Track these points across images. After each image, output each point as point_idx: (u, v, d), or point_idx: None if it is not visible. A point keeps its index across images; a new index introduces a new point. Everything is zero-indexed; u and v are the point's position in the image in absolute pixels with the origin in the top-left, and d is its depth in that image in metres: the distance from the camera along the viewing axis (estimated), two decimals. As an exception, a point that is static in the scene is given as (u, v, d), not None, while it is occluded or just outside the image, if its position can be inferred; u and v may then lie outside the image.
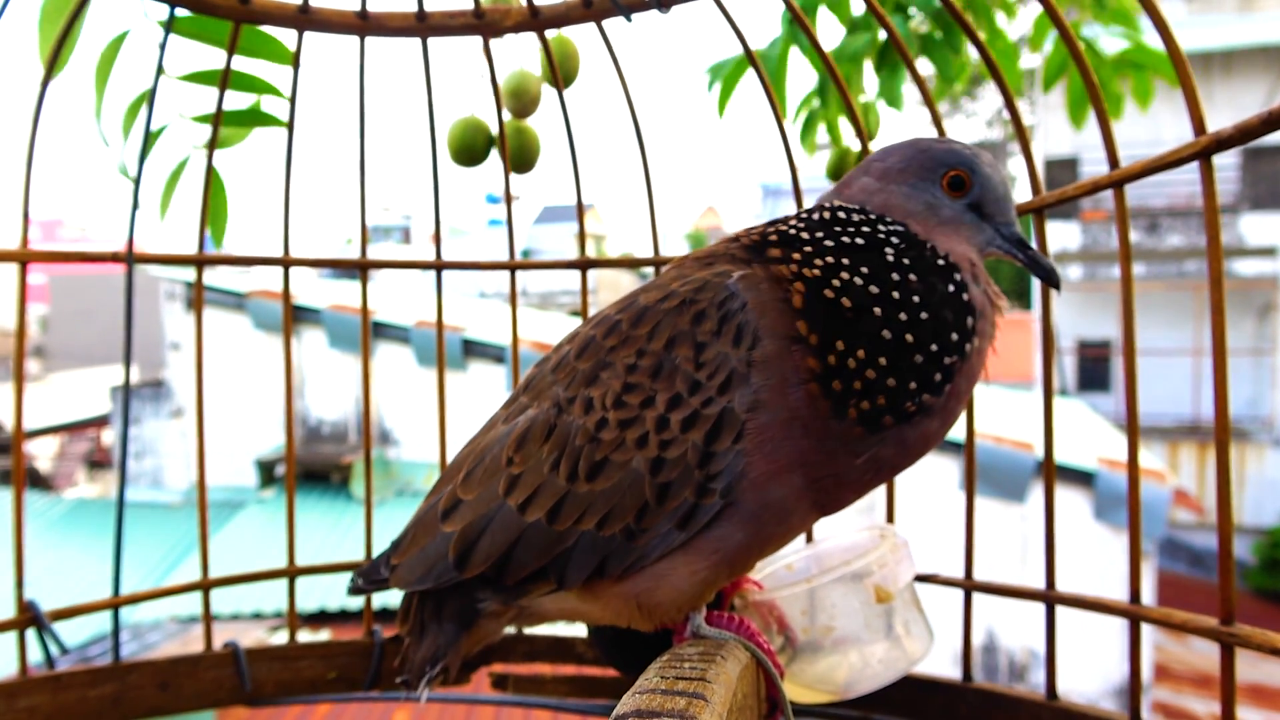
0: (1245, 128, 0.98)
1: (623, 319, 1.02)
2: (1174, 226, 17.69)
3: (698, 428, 0.94)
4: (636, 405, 0.97)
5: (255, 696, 1.46)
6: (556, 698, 1.50)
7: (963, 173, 1.00)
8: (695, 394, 0.94)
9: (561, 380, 1.03)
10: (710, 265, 1.02)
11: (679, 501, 0.95)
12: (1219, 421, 1.02)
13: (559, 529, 1.00)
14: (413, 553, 1.11)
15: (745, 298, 0.94)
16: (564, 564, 1.01)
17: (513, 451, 1.03)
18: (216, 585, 1.49)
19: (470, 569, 1.05)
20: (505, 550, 1.03)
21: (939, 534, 5.23)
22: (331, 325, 10.55)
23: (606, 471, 0.98)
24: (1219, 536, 1.01)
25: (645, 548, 0.98)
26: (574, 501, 0.99)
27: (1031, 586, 1.27)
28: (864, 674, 1.19)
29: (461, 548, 1.05)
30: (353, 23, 1.43)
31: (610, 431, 0.98)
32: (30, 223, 1.32)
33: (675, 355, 0.96)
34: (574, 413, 1.00)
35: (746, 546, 0.99)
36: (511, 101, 1.64)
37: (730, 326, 0.94)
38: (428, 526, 1.10)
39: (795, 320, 0.92)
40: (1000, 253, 1.02)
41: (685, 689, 0.79)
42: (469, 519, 1.05)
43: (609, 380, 0.99)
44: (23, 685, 1.34)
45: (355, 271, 1.58)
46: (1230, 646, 1.01)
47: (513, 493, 1.02)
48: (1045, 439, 1.23)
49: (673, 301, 0.99)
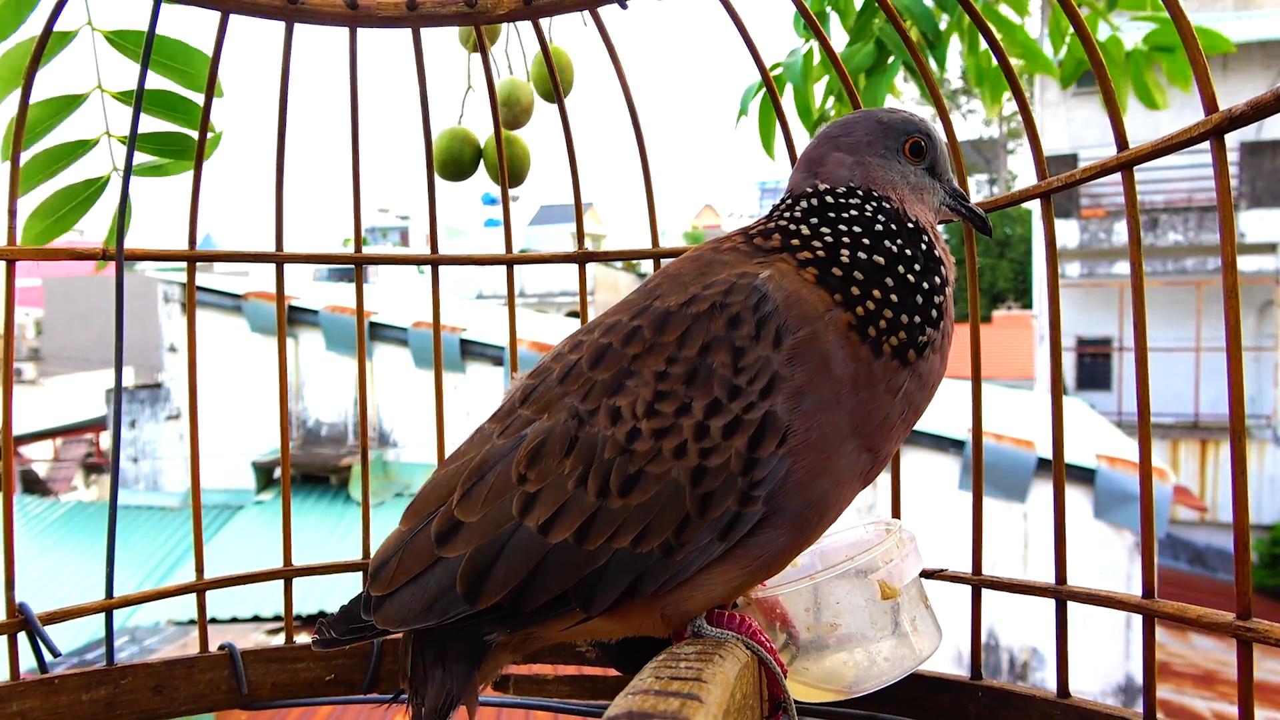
0: (1259, 104, 0.96)
1: (642, 325, 0.98)
2: (1173, 223, 17.72)
3: (740, 434, 0.92)
4: (671, 414, 0.94)
5: (252, 699, 1.44)
6: (558, 699, 1.48)
7: (921, 139, 1.08)
8: (736, 399, 0.93)
9: (575, 391, 0.98)
10: (726, 265, 1.01)
11: (721, 511, 0.93)
12: (1234, 412, 0.99)
13: (589, 549, 0.94)
14: (403, 585, 1.00)
15: (775, 298, 0.95)
16: (592, 587, 0.95)
17: (524, 468, 0.97)
18: (211, 587, 1.47)
19: (484, 600, 0.96)
20: (525, 577, 0.95)
21: (940, 533, 5.22)
22: (329, 327, 10.55)
23: (642, 484, 0.94)
24: (1235, 530, 0.99)
25: (683, 563, 0.95)
26: (606, 518, 0.94)
27: (1041, 582, 1.25)
28: (870, 672, 1.17)
29: (472, 576, 0.96)
30: (342, 13, 1.40)
31: (644, 442, 0.94)
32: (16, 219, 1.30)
33: (711, 361, 0.94)
34: (598, 424, 0.95)
35: (788, 548, 0.99)
36: (503, 111, 1.62)
37: (768, 330, 0.94)
38: (419, 553, 1.00)
39: (823, 296, 0.97)
40: (949, 209, 1.11)
41: (680, 689, 0.76)
42: (476, 544, 0.97)
43: (637, 389, 0.95)
44: (14, 689, 1.32)
45: (352, 272, 1.56)
46: (1248, 642, 0.99)
47: (530, 512, 0.95)
48: (1054, 437, 1.21)
49: (700, 306, 0.96)
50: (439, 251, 1.57)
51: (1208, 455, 17.28)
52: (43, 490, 16.66)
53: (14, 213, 1.26)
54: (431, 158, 1.56)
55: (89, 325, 27.11)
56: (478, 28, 1.49)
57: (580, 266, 1.58)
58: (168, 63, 1.44)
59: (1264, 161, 17.43)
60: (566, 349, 1.03)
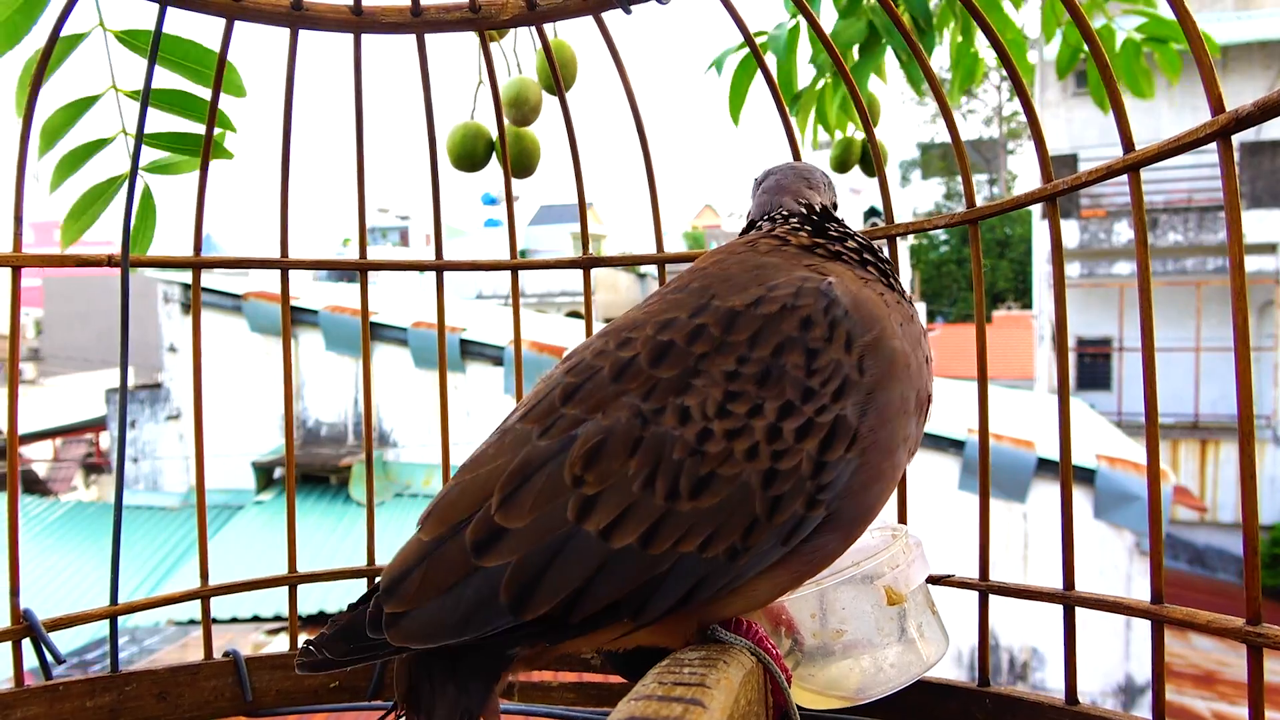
0: (1266, 104, 0.95)
1: (708, 323, 0.96)
2: (1172, 224, 17.72)
3: (812, 436, 0.92)
4: (743, 414, 0.92)
5: (256, 706, 1.44)
6: (563, 706, 1.47)
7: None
8: (808, 401, 0.92)
9: (636, 389, 0.94)
10: (778, 267, 1.02)
11: (788, 515, 0.92)
12: (1243, 413, 0.98)
13: (654, 553, 0.90)
14: (431, 599, 0.92)
15: (844, 302, 0.96)
16: (649, 594, 0.91)
17: (581, 469, 0.91)
18: (217, 593, 1.47)
19: (531, 611, 0.90)
20: (580, 584, 0.90)
21: (940, 534, 5.21)
22: (328, 327, 10.55)
23: (713, 486, 0.91)
24: (1244, 534, 0.99)
25: (744, 567, 0.93)
26: (674, 522, 0.90)
27: (1049, 587, 1.25)
28: (876, 679, 1.17)
29: (519, 585, 0.90)
30: (347, 19, 1.41)
31: (716, 443, 0.91)
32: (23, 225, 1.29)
33: (784, 362, 0.93)
34: (665, 423, 0.92)
35: (836, 552, 0.99)
36: (511, 111, 1.62)
37: (840, 333, 0.95)
38: (451, 564, 0.92)
39: (880, 290, 1.03)
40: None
41: (683, 695, 0.75)
42: (524, 551, 0.90)
43: (706, 389, 0.93)
44: (19, 696, 1.32)
45: (353, 273, 1.56)
46: (1258, 648, 0.98)
47: (590, 516, 0.90)
48: (1062, 446, 1.20)
49: (770, 307, 0.96)
50: (443, 257, 1.57)
51: (1208, 455, 17.29)
52: (42, 490, 16.64)
53: (20, 219, 1.25)
54: (436, 164, 1.55)
55: (89, 325, 27.10)
56: (481, 32, 1.49)
57: (585, 271, 1.58)
58: (180, 61, 1.44)
59: (1264, 161, 17.43)
60: (613, 346, 0.99)
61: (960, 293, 33.65)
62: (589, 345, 1.02)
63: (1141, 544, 8.48)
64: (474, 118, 1.64)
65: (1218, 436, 17.23)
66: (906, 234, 1.43)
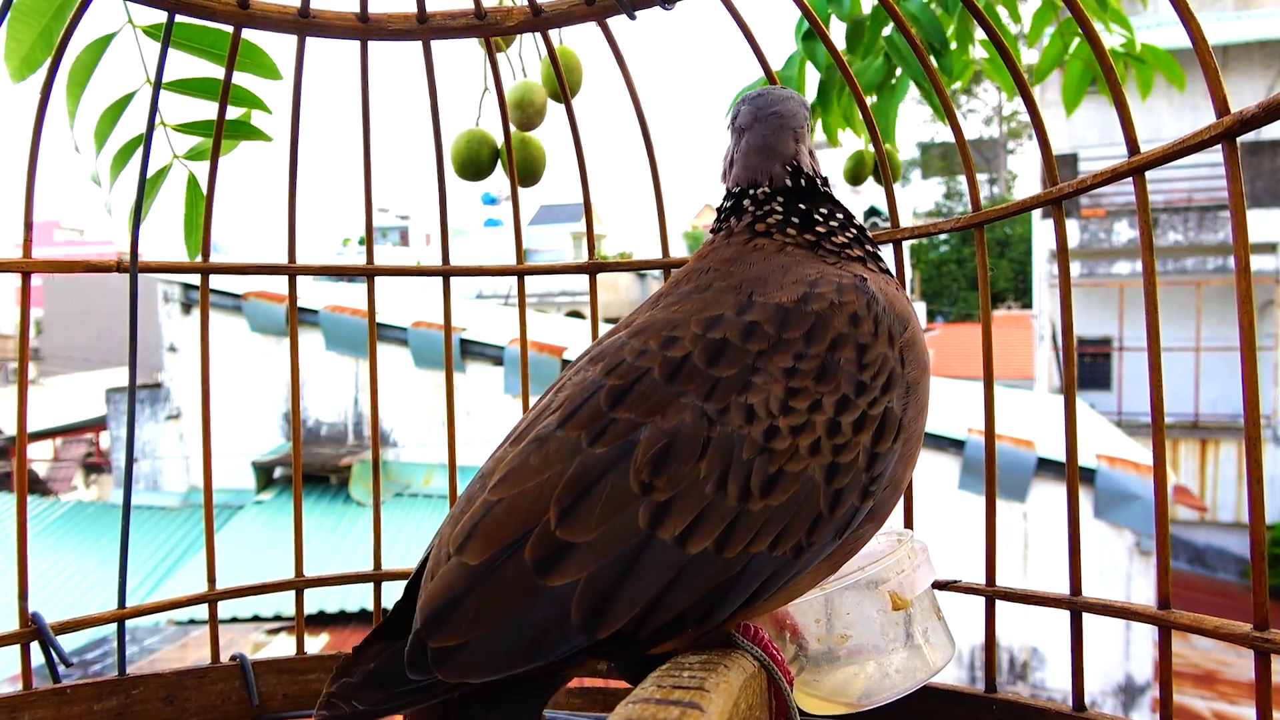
0: (1271, 105, 0.95)
1: (760, 320, 0.96)
2: (1173, 224, 17.71)
3: (867, 429, 0.94)
4: (805, 410, 0.92)
5: (263, 710, 1.44)
6: (569, 711, 1.48)
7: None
8: (862, 395, 0.94)
9: (695, 390, 0.91)
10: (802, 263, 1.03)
11: (847, 508, 0.93)
12: (1249, 417, 0.98)
13: (729, 556, 0.88)
14: (491, 627, 0.85)
15: (880, 299, 1.00)
16: (720, 598, 0.89)
17: (649, 475, 0.87)
18: (223, 597, 1.47)
19: (606, 627, 0.85)
20: (657, 594, 0.86)
21: (941, 534, 5.22)
22: (329, 327, 10.54)
23: (783, 484, 0.90)
24: (1251, 539, 0.99)
25: (806, 563, 0.93)
26: (746, 522, 0.89)
27: (1055, 593, 1.25)
28: (882, 684, 1.16)
29: (592, 602, 0.85)
30: (353, 26, 1.41)
31: (783, 440, 0.91)
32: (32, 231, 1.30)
33: (838, 357, 0.95)
34: (731, 423, 0.90)
35: (866, 542, 1.01)
36: (516, 115, 1.62)
37: (883, 327, 0.98)
38: (511, 586, 0.86)
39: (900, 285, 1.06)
40: None
41: (681, 698, 0.75)
42: (594, 565, 0.85)
43: (768, 386, 0.92)
44: (26, 699, 1.32)
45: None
46: (1266, 654, 0.98)
47: (664, 523, 0.86)
48: (1068, 448, 1.21)
49: (819, 304, 0.97)
50: (449, 262, 1.57)
51: (1208, 455, 17.28)
52: (43, 490, 16.64)
53: (30, 225, 1.26)
54: (443, 169, 1.56)
55: (89, 325, 27.09)
56: (487, 39, 1.49)
57: (590, 276, 1.58)
58: (209, 49, 1.44)
59: (1264, 161, 17.43)
60: (656, 346, 0.95)
61: (960, 293, 33.63)
62: (623, 345, 0.98)
63: (1142, 544, 8.49)
64: (479, 124, 1.64)
65: (1218, 436, 17.23)
66: (912, 237, 1.43)
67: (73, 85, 1.38)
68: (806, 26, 1.86)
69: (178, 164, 1.54)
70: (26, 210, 1.26)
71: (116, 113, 1.45)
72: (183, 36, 1.42)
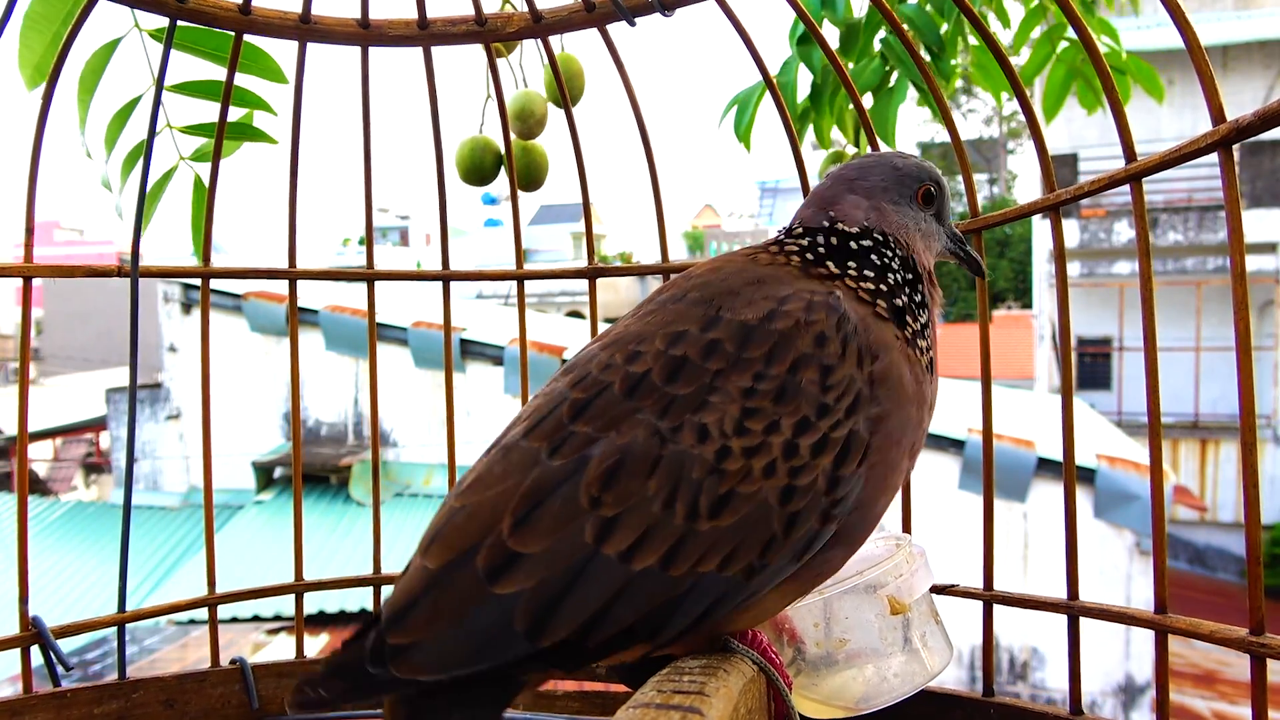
0: (1266, 114, 0.96)
1: (721, 338, 0.95)
2: (1172, 224, 17.72)
3: (827, 452, 0.92)
4: (761, 431, 0.91)
5: (263, 714, 1.44)
6: (568, 714, 1.48)
7: (930, 187, 1.13)
8: (824, 417, 0.92)
9: (651, 407, 0.91)
10: (780, 280, 1.01)
11: (804, 531, 0.92)
12: (1245, 422, 0.99)
13: (674, 574, 0.88)
14: (442, 628, 0.88)
15: (854, 318, 0.98)
16: (666, 616, 0.89)
17: (598, 490, 0.88)
18: (224, 601, 1.48)
19: (548, 637, 0.87)
20: (599, 609, 0.87)
21: (941, 533, 5.22)
22: (329, 327, 10.54)
23: (733, 505, 0.90)
24: (1247, 544, 0.99)
25: (760, 584, 0.92)
26: (694, 542, 0.89)
27: (1053, 597, 1.25)
28: (880, 688, 1.17)
29: (536, 612, 0.86)
30: (354, 32, 1.41)
31: (735, 461, 0.90)
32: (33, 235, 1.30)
33: (800, 378, 0.93)
34: (683, 442, 0.90)
35: (839, 564, 1.00)
36: (516, 124, 1.62)
37: (852, 349, 0.95)
38: (462, 591, 0.88)
39: (888, 326, 1.01)
40: (949, 254, 1.18)
41: (681, 703, 0.76)
42: (540, 576, 0.87)
43: (724, 405, 0.92)
44: (27, 702, 1.33)
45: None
46: (1262, 658, 0.99)
47: (610, 539, 0.87)
48: (1065, 449, 1.21)
49: (784, 322, 0.95)
50: (450, 267, 1.58)
51: (1208, 455, 17.29)
52: (43, 490, 16.64)
53: (31, 230, 1.26)
54: (443, 175, 1.56)
55: (89, 325, 27.10)
56: (487, 45, 1.50)
57: (590, 281, 1.59)
58: (213, 53, 1.45)
59: (1264, 161, 17.43)
60: (621, 360, 0.96)
61: (960, 292, 33.62)
62: (593, 357, 0.99)
63: (1142, 543, 8.49)
64: (482, 131, 1.65)
65: (1218, 436, 17.23)
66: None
67: (83, 90, 1.39)
68: (801, 30, 1.87)
69: (184, 165, 1.54)
70: (28, 215, 1.27)
71: (125, 116, 1.46)
72: (187, 39, 1.42)
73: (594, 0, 1.41)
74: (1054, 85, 2.35)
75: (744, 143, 2.07)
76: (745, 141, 2.07)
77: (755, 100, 2.04)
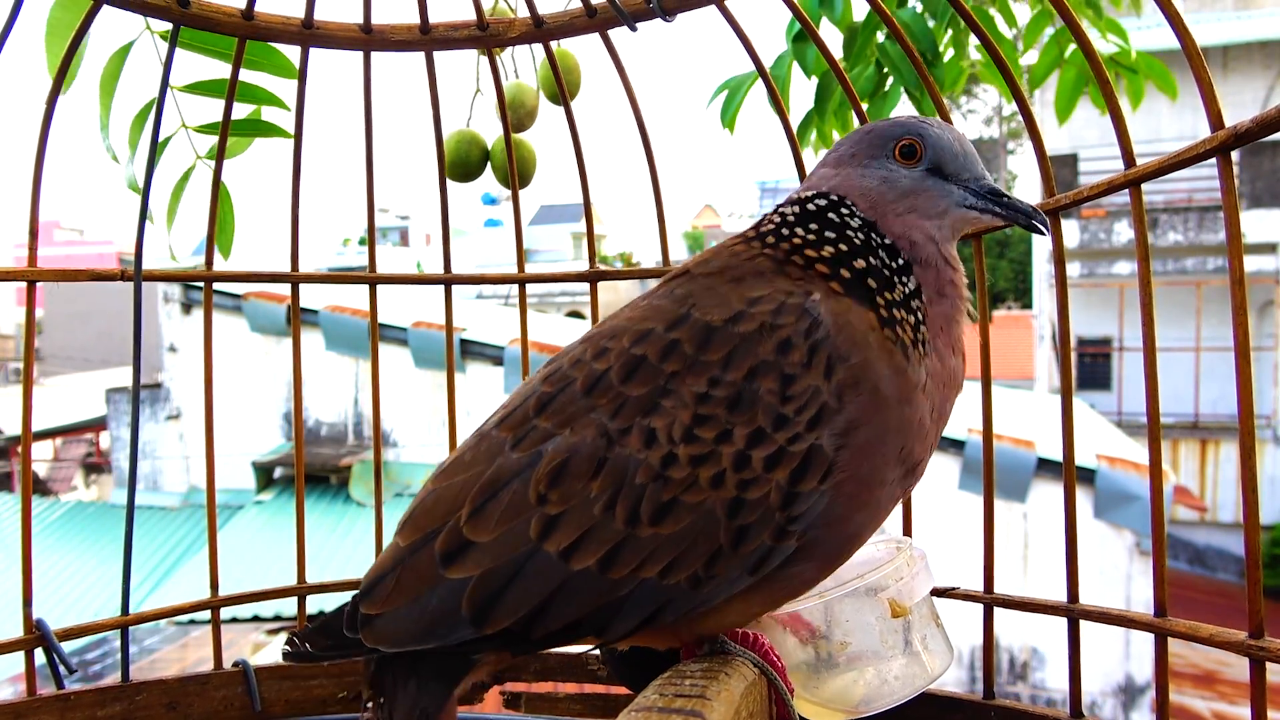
0: (1265, 120, 0.96)
1: (682, 340, 0.92)
2: (1173, 224, 17.71)
3: (783, 466, 0.88)
4: (711, 440, 0.88)
5: (265, 716, 1.45)
6: (570, 717, 1.48)
7: (912, 140, 1.02)
8: (781, 430, 0.88)
9: (605, 406, 0.91)
10: (763, 279, 0.97)
11: (755, 545, 0.89)
12: (1244, 426, 0.99)
13: (614, 578, 0.88)
14: (400, 604, 0.92)
15: (827, 323, 0.92)
16: (611, 615, 0.90)
17: (545, 488, 0.90)
18: (226, 604, 1.48)
19: (491, 625, 0.89)
20: (539, 603, 0.89)
21: (941, 534, 5.22)
22: (329, 327, 10.53)
23: (675, 514, 0.88)
24: (1246, 547, 1.00)
25: (709, 594, 0.91)
26: (634, 547, 0.88)
27: (1053, 600, 1.26)
28: (881, 691, 1.17)
29: (480, 600, 0.89)
30: (357, 37, 1.42)
31: (680, 469, 0.88)
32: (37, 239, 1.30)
33: (758, 386, 0.89)
34: (630, 445, 0.89)
35: (814, 580, 0.97)
36: (509, 115, 1.62)
37: (820, 358, 0.90)
38: (421, 572, 0.92)
39: (863, 312, 0.94)
40: (974, 211, 1.03)
41: (683, 706, 0.76)
42: (487, 565, 0.90)
43: (675, 410, 0.89)
44: (30, 705, 1.33)
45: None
46: (1261, 661, 0.99)
47: (550, 537, 0.89)
48: (1065, 451, 1.22)
49: (748, 325, 0.91)
50: (451, 270, 1.58)
51: (1207, 455, 17.28)
52: (43, 490, 16.65)
53: (35, 234, 1.27)
54: (444, 175, 1.57)
55: (89, 325, 27.10)
56: (488, 48, 1.50)
57: (591, 285, 1.59)
58: (220, 52, 1.45)
59: (1264, 161, 17.42)
60: (589, 356, 0.96)
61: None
62: (569, 351, 1.00)
63: (1142, 544, 8.49)
64: (470, 125, 1.65)
65: (1218, 436, 17.22)
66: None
67: (104, 94, 1.40)
68: (798, 28, 1.87)
69: (200, 165, 1.55)
70: (32, 218, 1.27)
71: (144, 118, 1.46)
72: (196, 40, 1.43)
73: (595, 5, 1.42)
74: (1065, 87, 2.33)
75: (729, 126, 2.09)
76: (730, 125, 2.09)
77: (745, 88, 2.05)
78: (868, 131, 1.05)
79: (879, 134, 1.03)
